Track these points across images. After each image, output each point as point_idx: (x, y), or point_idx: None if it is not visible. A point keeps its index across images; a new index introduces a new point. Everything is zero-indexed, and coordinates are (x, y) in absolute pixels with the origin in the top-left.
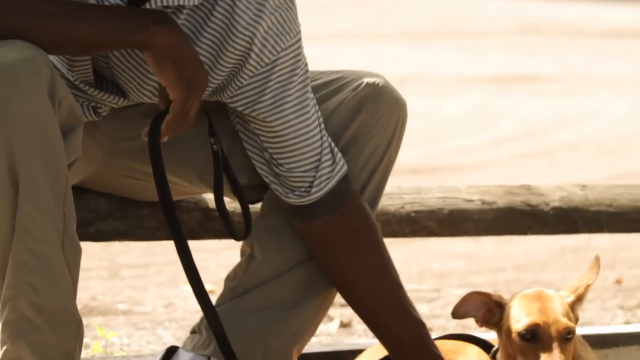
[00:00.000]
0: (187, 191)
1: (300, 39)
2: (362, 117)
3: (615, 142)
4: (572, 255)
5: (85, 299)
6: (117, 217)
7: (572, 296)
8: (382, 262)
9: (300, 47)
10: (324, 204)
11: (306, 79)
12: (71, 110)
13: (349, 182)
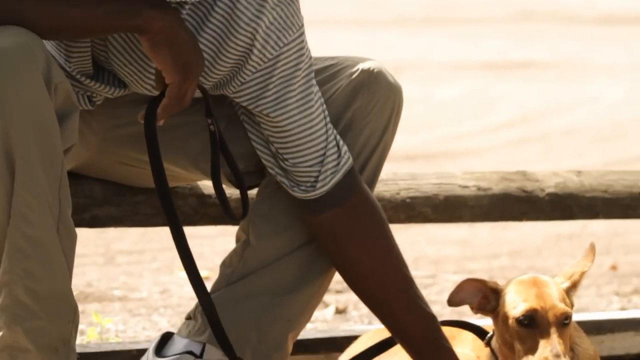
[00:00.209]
0: (182, 178)
1: (303, 33)
2: (358, 103)
3: (610, 128)
4: (568, 241)
5: (80, 285)
6: (113, 203)
7: (567, 282)
8: (391, 255)
9: (303, 41)
10: (330, 197)
11: (310, 73)
12: (67, 95)
13: (355, 175)
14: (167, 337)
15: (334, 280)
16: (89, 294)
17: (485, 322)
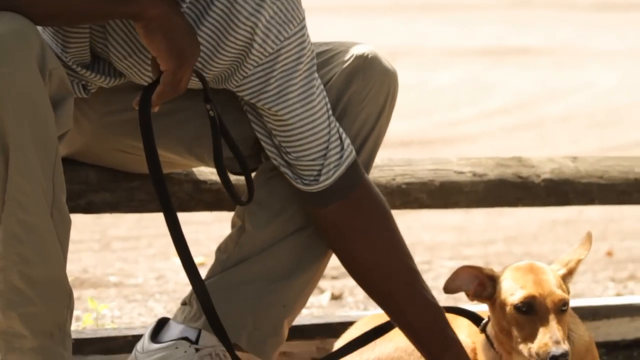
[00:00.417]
0: (178, 164)
1: (304, 27)
2: (353, 88)
3: (606, 114)
4: (563, 227)
5: (76, 271)
6: (108, 189)
7: (563, 269)
8: (396, 248)
9: (304, 34)
10: (334, 190)
11: (312, 67)
12: (62, 81)
13: (359, 168)
14: (162, 323)
15: (330, 266)
16: (84, 280)
17: (479, 307)
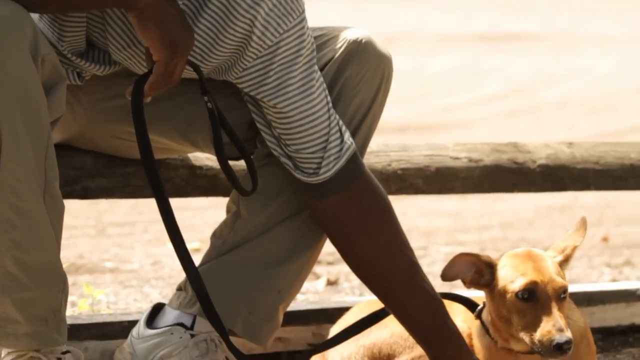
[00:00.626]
0: (172, 149)
1: (304, 19)
2: (347, 73)
3: (602, 100)
4: (559, 213)
5: (72, 257)
6: (104, 174)
7: (559, 256)
8: (396, 241)
9: (304, 27)
10: (334, 183)
11: (312, 59)
12: (54, 67)
13: (359, 160)
14: (158, 308)
15: (325, 251)
16: (80, 266)
17: (474, 293)
